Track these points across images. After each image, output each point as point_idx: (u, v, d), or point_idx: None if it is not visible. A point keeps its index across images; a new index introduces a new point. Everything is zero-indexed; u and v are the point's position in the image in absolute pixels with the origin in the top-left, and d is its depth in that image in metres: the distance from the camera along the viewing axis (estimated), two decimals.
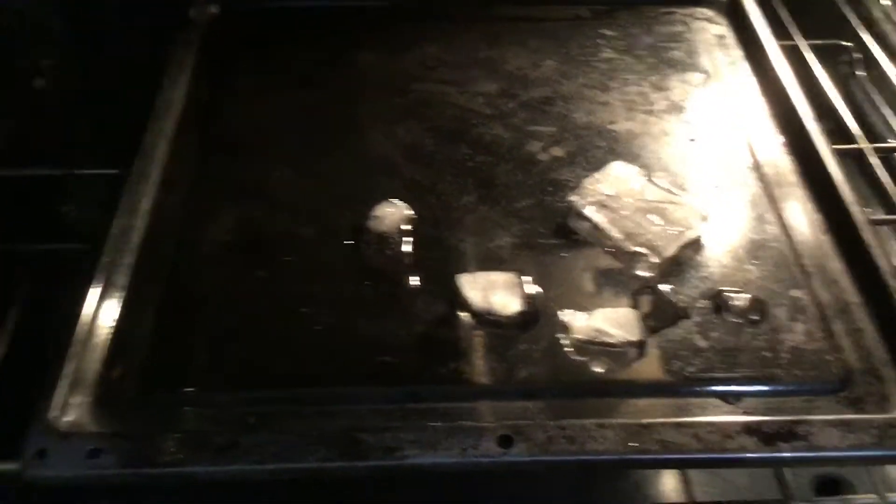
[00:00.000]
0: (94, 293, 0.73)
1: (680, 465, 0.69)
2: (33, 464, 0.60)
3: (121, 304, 0.72)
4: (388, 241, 0.78)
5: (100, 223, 0.80)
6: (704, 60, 0.99)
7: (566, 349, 0.70)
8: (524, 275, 0.75)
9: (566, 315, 0.71)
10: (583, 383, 0.68)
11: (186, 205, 0.83)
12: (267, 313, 0.74)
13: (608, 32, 1.02)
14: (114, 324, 0.71)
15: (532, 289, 0.74)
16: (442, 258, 0.77)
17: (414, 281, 0.76)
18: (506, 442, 0.62)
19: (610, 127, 0.91)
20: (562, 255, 0.78)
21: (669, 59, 0.99)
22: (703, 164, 0.87)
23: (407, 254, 0.78)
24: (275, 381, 0.69)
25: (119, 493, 0.68)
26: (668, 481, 0.74)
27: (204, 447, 0.62)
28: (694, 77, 0.97)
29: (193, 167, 0.86)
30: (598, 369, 0.69)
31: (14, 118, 0.96)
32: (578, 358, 0.70)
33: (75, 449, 0.61)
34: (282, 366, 0.70)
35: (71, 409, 0.64)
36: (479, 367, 0.69)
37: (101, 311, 0.72)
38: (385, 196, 0.81)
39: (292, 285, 0.76)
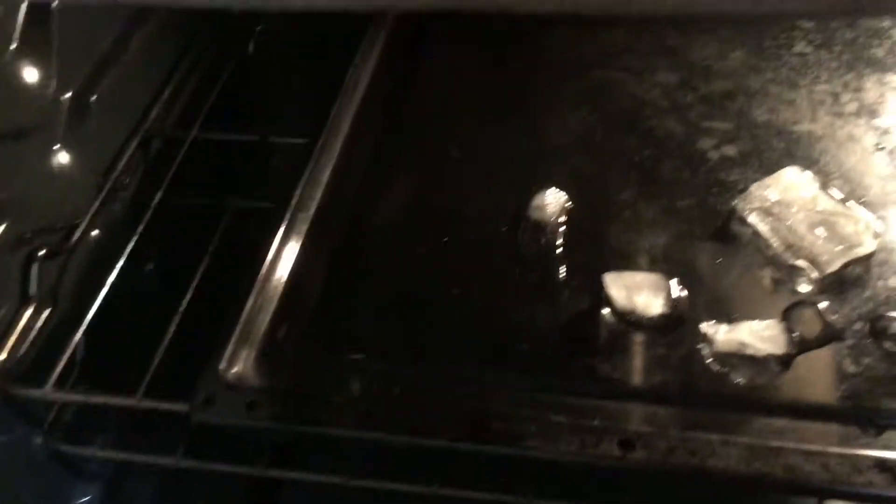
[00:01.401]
0: (271, 254, 0.79)
1: (801, 493, 0.68)
2: (200, 409, 0.68)
3: (291, 269, 0.79)
4: (543, 230, 0.80)
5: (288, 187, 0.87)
6: None
7: (705, 358, 0.70)
8: (674, 276, 0.75)
9: (709, 327, 0.71)
10: (716, 395, 0.68)
11: (362, 178, 0.88)
12: (422, 291, 0.79)
13: (806, 24, 0.97)
14: (283, 285, 0.78)
15: (678, 292, 0.74)
16: (593, 252, 0.79)
17: (562, 272, 0.78)
18: (627, 446, 0.63)
19: (791, 128, 0.87)
20: (717, 260, 0.77)
21: (869, 57, 0.93)
22: (888, 176, 0.82)
23: (560, 245, 0.80)
24: (422, 356, 0.74)
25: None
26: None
27: (346, 412, 0.67)
28: (894, 79, 0.90)
29: (373, 142, 0.91)
30: (737, 381, 0.69)
31: (229, 80, 1.05)
32: (717, 368, 0.70)
33: (237, 399, 0.68)
34: (429, 343, 0.75)
35: (238, 360, 0.72)
36: (614, 366, 0.71)
37: (274, 273, 0.78)
38: (548, 184, 0.83)
39: (448, 264, 0.80)
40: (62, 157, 0.81)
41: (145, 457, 0.77)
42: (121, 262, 0.82)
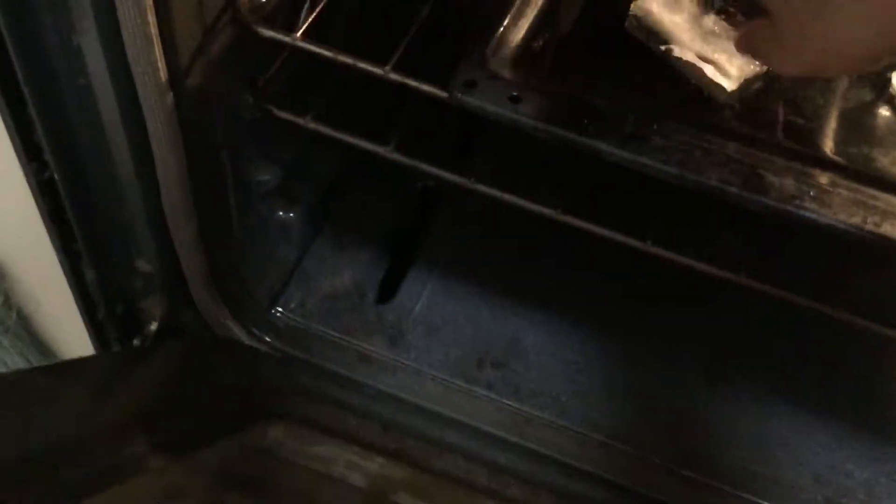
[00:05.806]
0: None
1: None
2: (462, 91, 0.65)
3: None
4: None
5: None
6: None
7: None
8: None
9: None
10: None
11: None
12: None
13: None
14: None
15: None
16: None
17: None
18: None
19: None
20: None
21: None
22: None
23: None
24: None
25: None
26: None
27: (612, 132, 0.64)
28: None
29: None
30: None
31: None
32: None
33: (500, 89, 0.65)
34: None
35: (499, 58, 0.68)
36: (889, 163, 0.66)
37: None
38: None
39: None
40: None
41: (358, 140, 0.74)
42: None
